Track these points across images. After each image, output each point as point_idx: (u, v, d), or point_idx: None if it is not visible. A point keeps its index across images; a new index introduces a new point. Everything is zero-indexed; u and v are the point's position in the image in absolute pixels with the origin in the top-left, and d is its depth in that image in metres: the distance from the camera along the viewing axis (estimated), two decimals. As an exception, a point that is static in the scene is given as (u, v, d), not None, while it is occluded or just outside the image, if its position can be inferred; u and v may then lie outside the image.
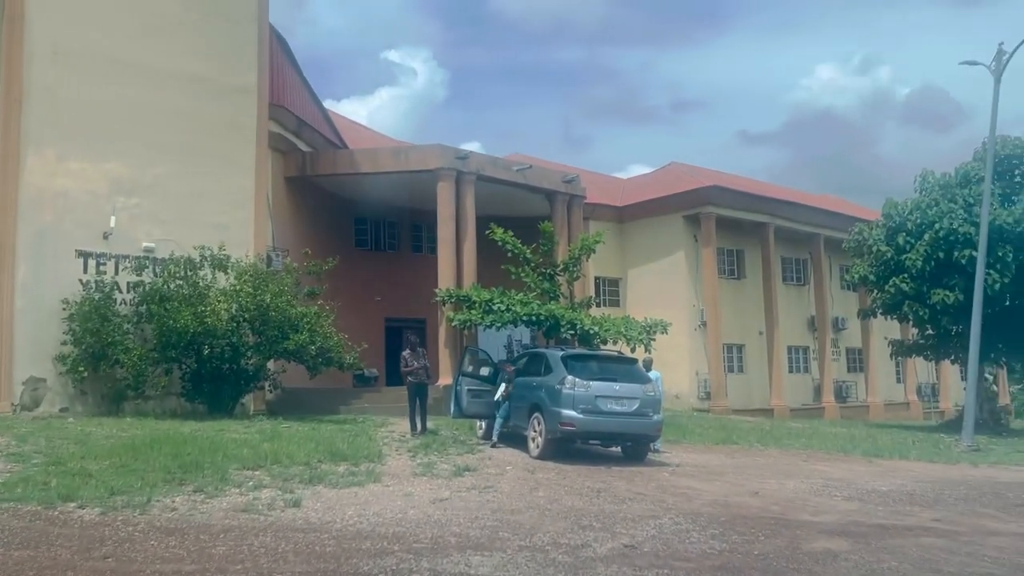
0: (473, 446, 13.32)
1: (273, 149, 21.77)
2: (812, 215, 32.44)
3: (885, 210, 24.34)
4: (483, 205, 23.89)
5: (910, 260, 22.68)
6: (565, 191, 25.15)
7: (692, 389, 28.59)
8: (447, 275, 22.02)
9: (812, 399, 32.55)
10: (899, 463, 14.08)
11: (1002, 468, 13.66)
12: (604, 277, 30.38)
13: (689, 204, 29.10)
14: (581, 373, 12.11)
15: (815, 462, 13.93)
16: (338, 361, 17.22)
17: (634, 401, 12.13)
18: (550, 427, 12.01)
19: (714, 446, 16.39)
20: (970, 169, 23.36)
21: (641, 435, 12.36)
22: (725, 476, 11.31)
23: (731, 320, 29.57)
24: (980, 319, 17.29)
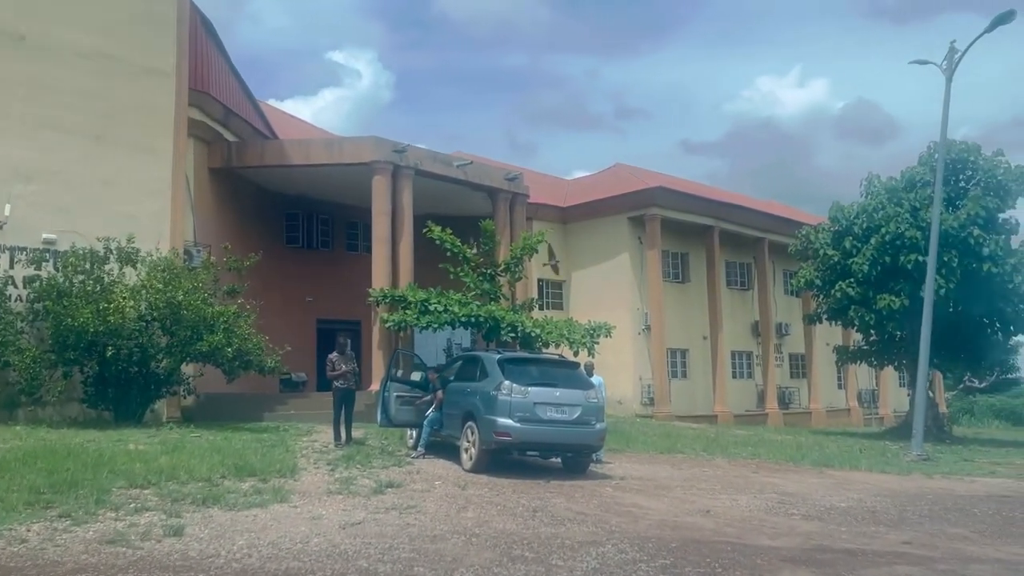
0: (401, 458, 12.23)
1: (195, 138, 20.36)
2: (757, 219, 32.12)
3: (832, 213, 23.99)
4: (422, 202, 22.80)
5: (856, 264, 22.31)
6: (507, 189, 24.21)
7: (636, 395, 27.90)
8: (382, 274, 20.87)
9: (756, 405, 32.20)
10: (851, 474, 13.44)
11: (956, 479, 13.11)
12: (548, 279, 29.52)
13: (634, 205, 28.44)
14: (519, 378, 11.13)
15: (765, 473, 13.19)
16: (258, 364, 15.91)
17: (575, 408, 11.20)
18: (484, 437, 11.00)
19: (659, 455, 15.59)
20: (916, 173, 23.13)
21: (583, 445, 11.43)
22: (673, 491, 10.45)
23: (675, 324, 29.00)
24: (930, 324, 16.85)
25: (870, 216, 22.65)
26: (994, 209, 21.52)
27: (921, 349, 16.78)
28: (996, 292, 21.34)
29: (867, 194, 23.99)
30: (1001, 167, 21.86)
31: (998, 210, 21.71)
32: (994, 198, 21.53)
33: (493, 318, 19.32)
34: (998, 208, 21.66)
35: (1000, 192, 21.75)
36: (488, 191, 24.05)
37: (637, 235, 28.72)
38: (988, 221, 21.45)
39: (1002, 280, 21.10)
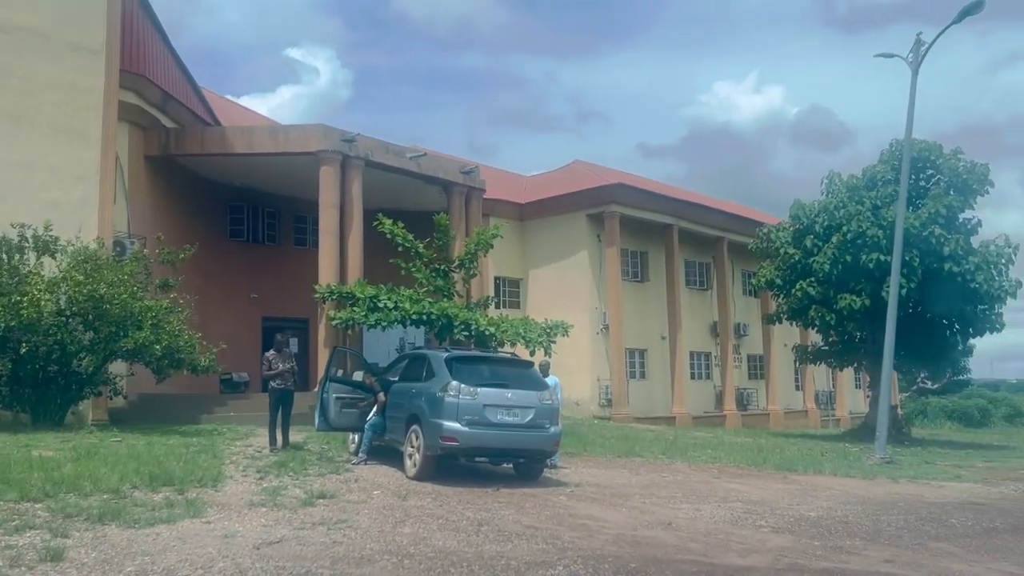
0: (341, 465, 11.33)
1: (130, 123, 19.20)
2: (717, 218, 31.71)
3: (793, 211, 23.58)
4: (373, 196, 21.87)
5: (817, 263, 21.91)
6: (463, 183, 23.38)
7: (593, 396, 27.23)
8: (329, 269, 19.90)
9: (714, 407, 31.79)
10: (816, 479, 12.87)
11: (923, 484, 12.60)
12: (504, 277, 28.74)
13: (593, 202, 27.78)
14: (468, 378, 10.30)
15: (728, 478, 12.54)
16: (191, 363, 14.84)
17: (528, 411, 10.40)
18: (429, 442, 10.14)
19: (617, 459, 14.88)
20: (877, 171, 22.82)
21: (536, 450, 10.63)
22: (631, 499, 9.71)
23: (634, 324, 28.42)
24: (895, 324, 16.41)
25: (831, 214, 22.28)
26: (956, 208, 21.26)
27: (885, 350, 16.33)
28: (957, 292, 21.08)
29: (828, 192, 23.64)
30: (961, 164, 21.62)
31: (959, 209, 21.46)
32: (956, 196, 21.28)
33: (446, 316, 18.48)
34: (959, 207, 21.41)
35: (961, 190, 21.52)
36: (443, 184, 23.21)
37: (596, 233, 28.07)
38: (949, 220, 21.20)
39: (963, 280, 20.83)
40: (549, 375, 13.06)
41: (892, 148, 22.90)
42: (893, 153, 22.83)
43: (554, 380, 12.90)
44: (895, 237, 16.86)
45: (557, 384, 12.88)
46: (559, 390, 12.88)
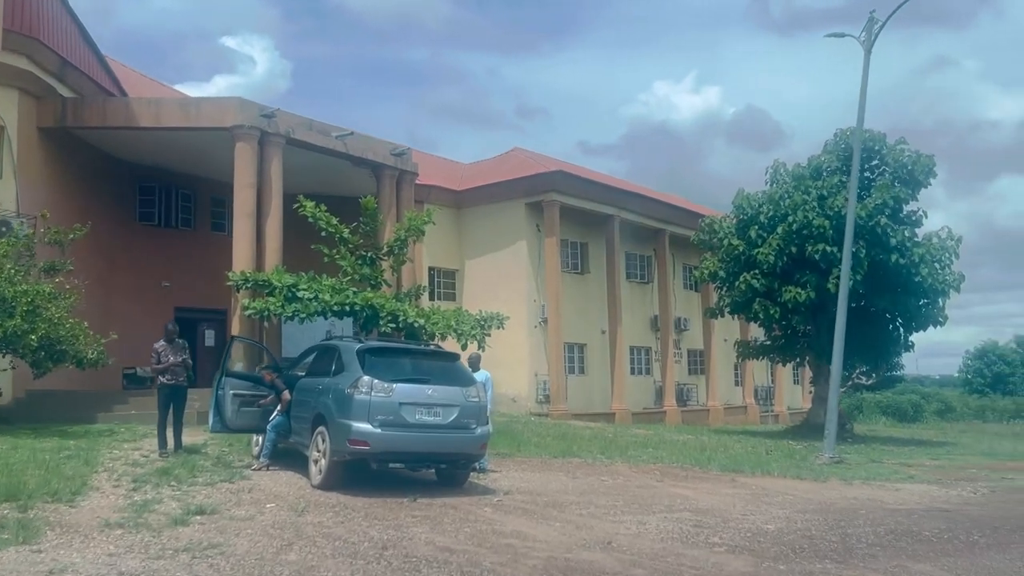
0: (238, 471, 9.92)
1: (20, 90, 17.33)
2: (658, 209, 30.92)
3: (736, 201, 22.81)
4: (297, 178, 20.35)
5: (762, 255, 21.17)
6: (393, 165, 21.98)
7: (531, 392, 26.14)
8: (244, 255, 18.36)
9: (654, 403, 31.04)
10: (765, 482, 11.94)
11: (878, 486, 11.76)
12: (439, 268, 27.41)
13: (532, 190, 26.65)
14: (382, 372, 9.00)
15: (672, 482, 11.52)
16: (75, 355, 13.18)
17: (452, 410, 9.16)
18: (336, 446, 8.82)
19: (553, 460, 13.76)
20: (822, 161, 22.20)
21: (459, 455, 9.39)
22: (567, 510, 8.55)
23: (573, 317, 27.41)
24: (845, 317, 15.64)
25: (776, 204, 21.57)
26: (902, 199, 20.74)
27: (835, 344, 15.56)
28: (901, 285, 20.58)
29: (772, 182, 22.96)
30: (907, 155, 21.11)
31: (905, 200, 20.94)
32: (902, 188, 20.75)
33: (371, 306, 17.08)
34: (905, 198, 20.89)
35: (907, 181, 21.00)
36: (372, 167, 21.76)
37: (535, 222, 26.95)
38: (895, 211, 20.66)
39: (908, 273, 20.32)
40: (480, 370, 11.87)
41: (837, 138, 22.32)
42: (838, 143, 22.25)
43: (485, 375, 11.71)
44: (846, 226, 16.11)
45: (488, 379, 11.69)
46: (490, 386, 11.70)
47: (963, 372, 64.86)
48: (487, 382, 11.59)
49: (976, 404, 49.79)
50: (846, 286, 15.62)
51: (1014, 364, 63.16)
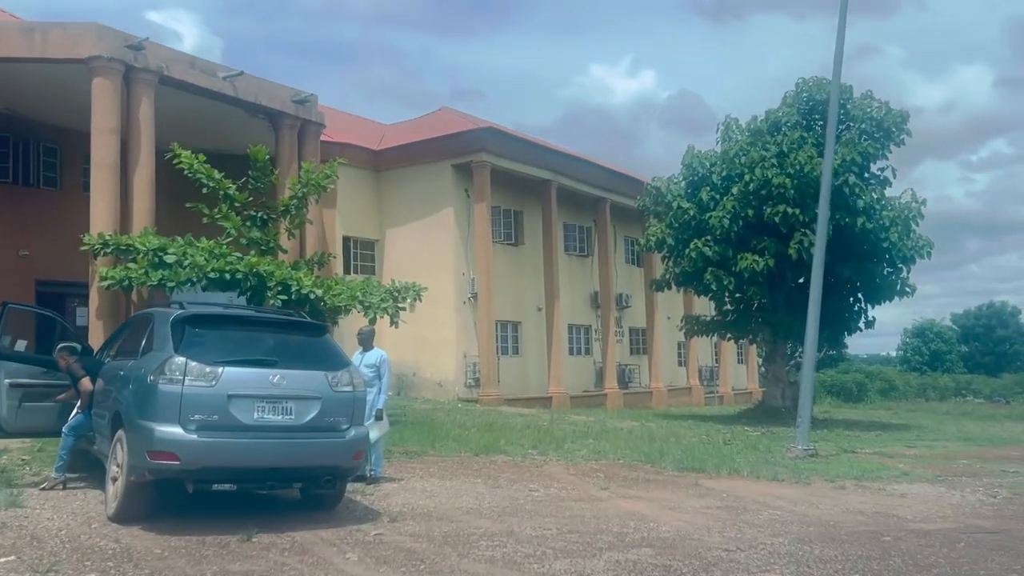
0: (21, 491, 6.99)
1: None
2: (599, 176, 28.40)
3: (686, 160, 20.42)
4: (177, 129, 17.04)
5: (715, 219, 18.84)
6: (295, 114, 18.90)
7: (459, 375, 23.45)
8: (105, 215, 15.19)
9: (594, 385, 28.70)
10: (737, 485, 9.50)
11: (877, 490, 9.39)
12: (356, 238, 24.41)
13: (460, 150, 23.83)
14: (206, 351, 6.20)
15: (621, 490, 8.99)
16: None
17: (310, 404, 6.39)
18: (134, 460, 5.99)
19: (473, 460, 11.13)
20: (781, 116, 19.93)
21: (321, 468, 6.53)
22: (472, 550, 5.90)
23: (506, 293, 24.77)
24: (821, 284, 13.33)
25: (731, 162, 19.26)
26: (870, 155, 18.59)
27: (810, 317, 13.25)
28: (867, 252, 18.49)
29: (724, 141, 20.63)
30: (875, 107, 18.96)
31: (874, 157, 18.80)
32: (870, 143, 18.59)
33: (257, 274, 14.14)
34: (874, 154, 18.74)
35: (876, 136, 18.86)
36: (269, 115, 18.64)
37: (463, 187, 24.16)
38: (862, 169, 18.53)
39: (876, 238, 18.23)
40: (373, 348, 9.13)
41: (799, 89, 20.08)
42: (799, 94, 20.03)
43: (379, 355, 9.01)
44: (823, 178, 13.72)
45: (384, 361, 8.97)
46: (387, 369, 8.98)
47: (901, 350, 64.59)
48: (383, 364, 8.90)
49: (917, 382, 49.00)
50: (822, 247, 13.28)
51: (951, 342, 63.08)
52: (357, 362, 8.93)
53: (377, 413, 8.73)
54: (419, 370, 23.60)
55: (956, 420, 25.94)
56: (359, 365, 8.88)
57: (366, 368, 8.83)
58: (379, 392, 8.81)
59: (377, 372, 8.83)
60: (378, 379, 8.84)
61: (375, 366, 8.84)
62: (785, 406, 20.51)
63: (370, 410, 8.75)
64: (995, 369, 59.82)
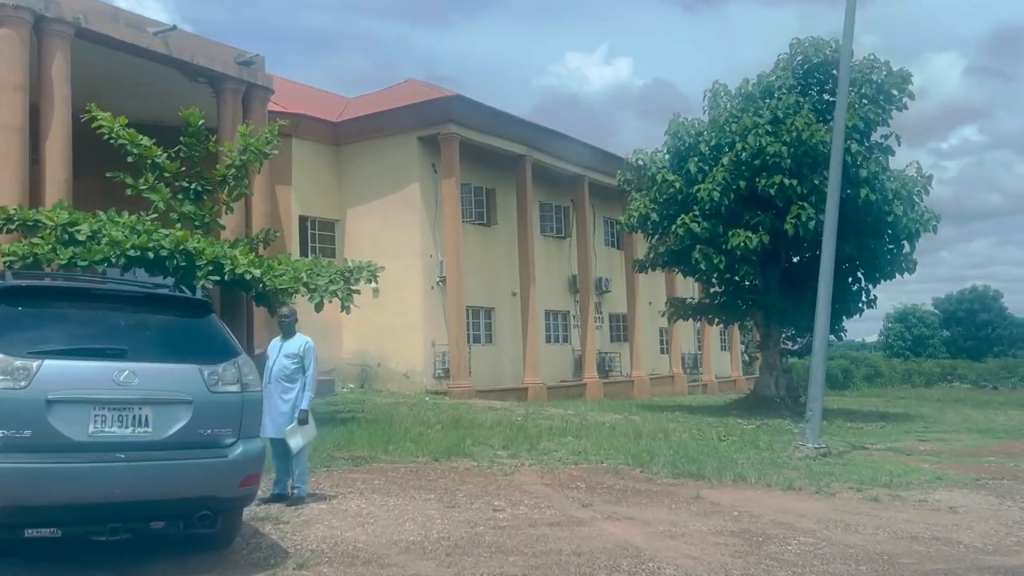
0: None
1: None
2: (577, 152, 26.61)
3: (671, 129, 18.72)
4: (103, 92, 15.17)
5: (704, 192, 17.16)
6: (238, 76, 17.00)
7: (427, 366, 21.65)
8: (10, 185, 13.33)
9: (573, 374, 27.03)
10: (746, 497, 7.86)
11: (918, 502, 7.75)
12: (314, 218, 22.49)
13: (426, 121, 21.96)
14: (18, 338, 4.38)
15: (607, 506, 7.31)
16: None
17: (174, 411, 4.56)
18: (-90, 495, 4.18)
19: (431, 466, 9.41)
20: (773, 81, 18.27)
21: (191, 501, 4.62)
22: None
23: (478, 276, 23.00)
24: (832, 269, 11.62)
25: (720, 130, 17.59)
26: (872, 121, 16.98)
27: (820, 297, 11.57)
28: (869, 225, 16.91)
29: (712, 108, 18.94)
30: (875, 69, 17.32)
31: (876, 122, 17.20)
32: (871, 107, 16.97)
33: (184, 251, 12.28)
34: (876, 120, 17.13)
35: (878, 100, 17.25)
36: (209, 78, 16.77)
37: (430, 161, 22.31)
38: (864, 136, 16.93)
39: (879, 211, 16.65)
40: (295, 334, 7.31)
41: (793, 51, 18.43)
42: (793, 56, 18.38)
43: (302, 343, 7.19)
44: (833, 144, 12.05)
45: (309, 349, 7.16)
46: (312, 360, 7.16)
47: (883, 335, 63.58)
48: (307, 354, 7.12)
49: (902, 368, 47.91)
50: (834, 216, 11.58)
51: (933, 327, 62.19)
52: (275, 352, 7.15)
53: (300, 416, 6.99)
54: (384, 360, 21.80)
55: (954, 408, 24.60)
56: (277, 355, 7.11)
57: (286, 359, 7.07)
58: (302, 389, 7.06)
59: (300, 364, 7.07)
60: (301, 372, 7.08)
61: (297, 356, 7.07)
62: (779, 396, 19.01)
63: (292, 412, 6.99)
64: (978, 354, 59.00)
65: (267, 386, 6.85)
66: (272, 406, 6.94)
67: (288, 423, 6.92)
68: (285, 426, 6.91)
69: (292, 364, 7.04)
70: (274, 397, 6.97)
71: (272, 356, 7.14)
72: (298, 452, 6.97)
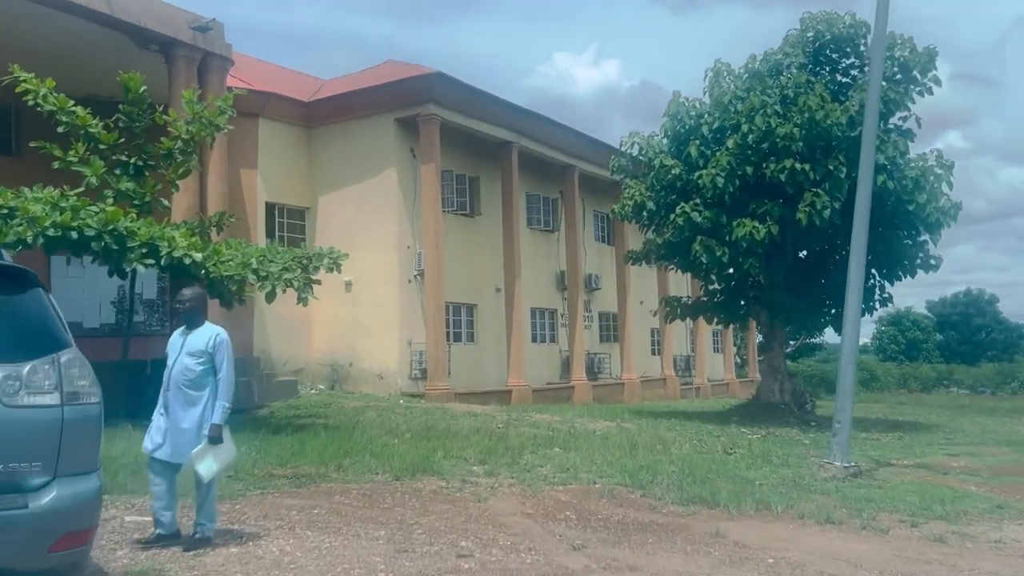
0: None
1: None
2: (567, 140, 25.05)
3: (670, 110, 17.17)
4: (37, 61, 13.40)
5: (706, 178, 15.61)
6: (192, 43, 15.32)
7: (402, 366, 19.98)
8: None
9: (560, 376, 25.45)
10: (776, 532, 6.33)
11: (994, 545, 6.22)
12: (283, 205, 20.79)
13: (404, 101, 20.31)
14: None
15: (602, 548, 5.78)
16: None
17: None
18: None
19: (390, 487, 7.81)
20: (782, 58, 16.75)
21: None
22: None
23: (459, 270, 21.39)
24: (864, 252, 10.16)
25: (724, 110, 16.04)
26: (892, 103, 15.47)
27: (849, 293, 10.09)
28: (887, 216, 15.42)
29: (713, 89, 17.39)
30: (899, 45, 15.82)
31: (896, 104, 15.69)
32: (892, 87, 15.47)
33: (114, 232, 10.62)
34: (897, 101, 15.62)
35: (900, 80, 15.76)
36: (160, 44, 15.08)
37: (408, 145, 20.66)
38: (883, 118, 15.42)
39: (897, 200, 15.17)
40: (203, 324, 5.61)
41: (804, 27, 16.91)
42: (803, 34, 16.85)
43: (210, 335, 5.48)
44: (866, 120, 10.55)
45: (221, 344, 5.47)
46: (226, 356, 5.47)
47: (876, 339, 62.38)
48: (218, 350, 5.45)
49: (897, 372, 46.68)
50: (867, 196, 10.08)
51: (927, 330, 61.04)
52: (176, 349, 5.49)
53: (211, 432, 5.30)
54: (356, 360, 20.13)
55: (964, 415, 23.19)
56: (179, 354, 5.45)
57: (190, 358, 5.39)
58: (213, 397, 5.41)
59: (210, 364, 5.40)
60: (211, 375, 5.42)
61: (205, 354, 5.40)
62: (784, 402, 17.52)
63: (199, 429, 5.34)
64: (972, 358, 57.93)
65: (164, 394, 5.26)
66: (172, 422, 5.33)
67: (193, 444, 5.28)
68: (189, 448, 5.28)
69: (198, 365, 5.39)
70: (174, 409, 5.36)
71: (172, 355, 5.49)
72: (207, 483, 5.32)
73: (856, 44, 16.48)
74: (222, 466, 5.47)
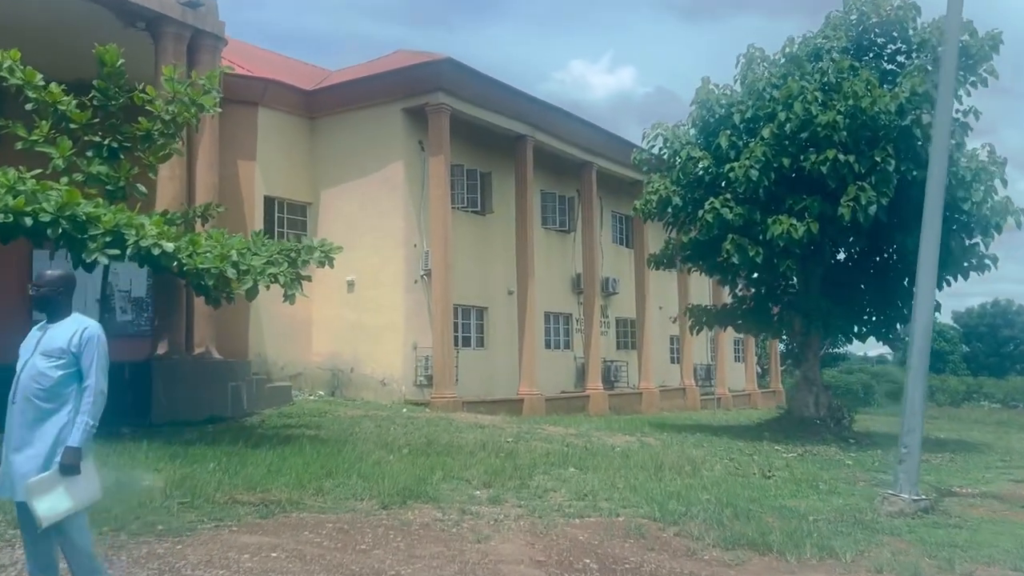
0: None
1: None
2: (585, 135, 23.71)
3: (699, 97, 15.81)
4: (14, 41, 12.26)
5: (738, 171, 14.22)
6: (181, 19, 14.14)
7: (407, 372, 18.69)
8: None
9: (575, 384, 24.11)
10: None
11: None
12: (283, 200, 19.58)
13: (412, 90, 19.07)
14: None
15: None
16: None
17: None
18: None
19: (373, 518, 6.53)
20: (822, 43, 15.35)
21: None
22: None
23: (469, 271, 20.11)
24: (936, 250, 8.85)
25: (759, 97, 14.66)
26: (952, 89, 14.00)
27: (919, 298, 8.76)
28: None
29: (745, 79, 16.01)
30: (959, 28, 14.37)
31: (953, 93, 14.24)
32: (946, 72, 14.02)
33: (74, 219, 9.42)
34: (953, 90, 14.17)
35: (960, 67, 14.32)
36: (147, 20, 13.92)
37: (416, 137, 19.41)
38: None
39: (951, 197, 13.69)
40: (69, 315, 4.20)
41: (847, 9, 15.51)
42: (846, 16, 15.46)
43: (74, 330, 4.09)
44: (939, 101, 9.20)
45: (90, 340, 4.01)
46: (99, 356, 3.98)
47: (901, 350, 60.52)
48: (85, 349, 4.04)
49: (925, 384, 44.93)
50: (940, 188, 8.69)
51: (953, 342, 59.19)
52: (29, 349, 4.14)
53: (65, 459, 3.93)
54: (358, 364, 18.88)
55: (1009, 432, 21.70)
56: (32, 354, 4.08)
57: (44, 360, 4.07)
58: (73, 412, 4.03)
59: (72, 367, 4.05)
60: (75, 382, 4.09)
61: (66, 354, 4.07)
62: (819, 416, 16.10)
63: (50, 452, 3.96)
64: (999, 371, 56.08)
65: (11, 407, 3.94)
66: (14, 443, 3.99)
67: (36, 473, 3.91)
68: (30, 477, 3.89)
69: (56, 369, 4.04)
70: (18, 429, 4.02)
71: (23, 356, 4.17)
72: (67, 531, 3.94)
73: (904, 28, 15.07)
74: (75, 506, 3.94)
